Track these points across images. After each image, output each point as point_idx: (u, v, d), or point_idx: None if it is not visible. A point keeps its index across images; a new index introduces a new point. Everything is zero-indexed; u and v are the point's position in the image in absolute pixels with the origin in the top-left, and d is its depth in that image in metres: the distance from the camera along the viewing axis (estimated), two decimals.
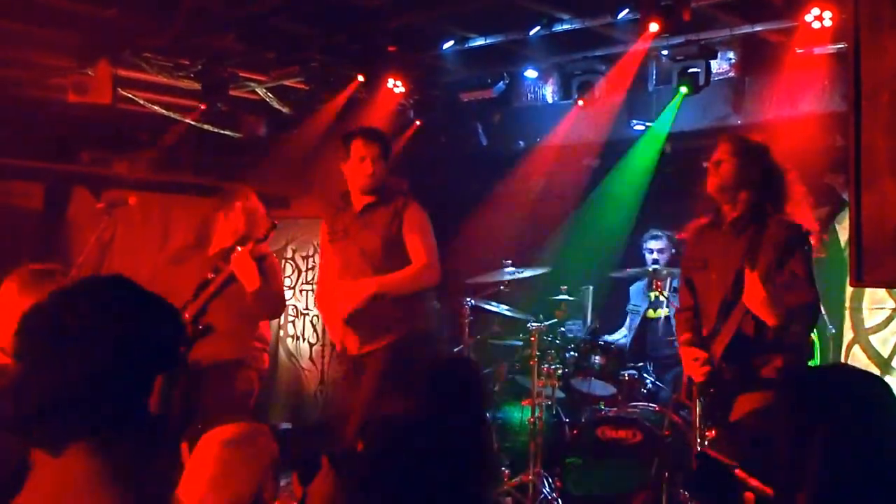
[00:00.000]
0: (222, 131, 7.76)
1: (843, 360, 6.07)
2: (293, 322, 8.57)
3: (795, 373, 2.28)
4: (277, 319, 8.03)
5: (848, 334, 6.14)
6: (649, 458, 5.57)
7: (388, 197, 4.99)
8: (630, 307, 7.21)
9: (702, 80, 6.23)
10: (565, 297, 6.69)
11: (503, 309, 6.83)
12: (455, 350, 6.40)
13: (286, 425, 7.98)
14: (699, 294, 4.31)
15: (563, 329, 6.58)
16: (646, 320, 7.05)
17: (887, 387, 2.24)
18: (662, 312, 6.90)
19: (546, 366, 6.11)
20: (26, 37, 6.18)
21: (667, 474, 5.51)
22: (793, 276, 3.78)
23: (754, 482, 2.40)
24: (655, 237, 6.97)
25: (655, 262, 6.90)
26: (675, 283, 6.93)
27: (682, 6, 5.36)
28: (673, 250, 6.84)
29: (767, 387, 3.91)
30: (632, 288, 7.28)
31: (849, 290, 6.08)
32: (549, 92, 7.89)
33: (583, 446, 5.88)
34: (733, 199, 4.20)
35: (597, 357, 6.35)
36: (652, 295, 6.99)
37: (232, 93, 7.16)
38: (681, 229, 6.66)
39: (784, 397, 2.28)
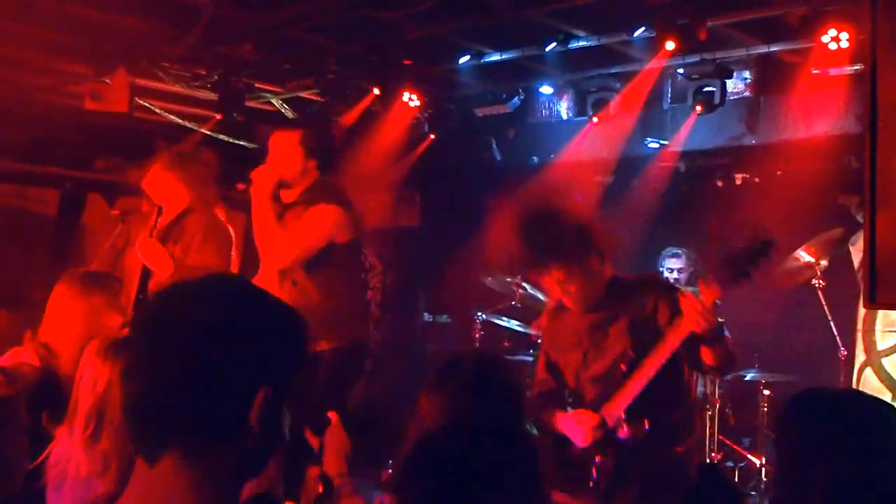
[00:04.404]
0: (237, 141, 7.79)
1: (854, 382, 6.02)
2: None
3: (804, 396, 2.24)
4: None
5: (860, 357, 6.08)
6: None
7: None
8: None
9: (717, 99, 6.23)
10: None
11: (514, 324, 6.82)
12: None
13: None
14: (565, 373, 3.73)
15: None
16: None
17: None
18: None
19: None
20: (45, 43, 6.22)
21: None
22: None
23: None
24: (675, 255, 6.74)
25: (676, 280, 6.77)
26: None
27: (698, 25, 5.37)
28: (692, 269, 6.67)
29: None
30: None
31: (861, 311, 6.03)
32: (563, 108, 7.90)
33: None
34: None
35: None
36: None
37: (248, 103, 7.20)
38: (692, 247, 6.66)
39: (792, 421, 2.27)
